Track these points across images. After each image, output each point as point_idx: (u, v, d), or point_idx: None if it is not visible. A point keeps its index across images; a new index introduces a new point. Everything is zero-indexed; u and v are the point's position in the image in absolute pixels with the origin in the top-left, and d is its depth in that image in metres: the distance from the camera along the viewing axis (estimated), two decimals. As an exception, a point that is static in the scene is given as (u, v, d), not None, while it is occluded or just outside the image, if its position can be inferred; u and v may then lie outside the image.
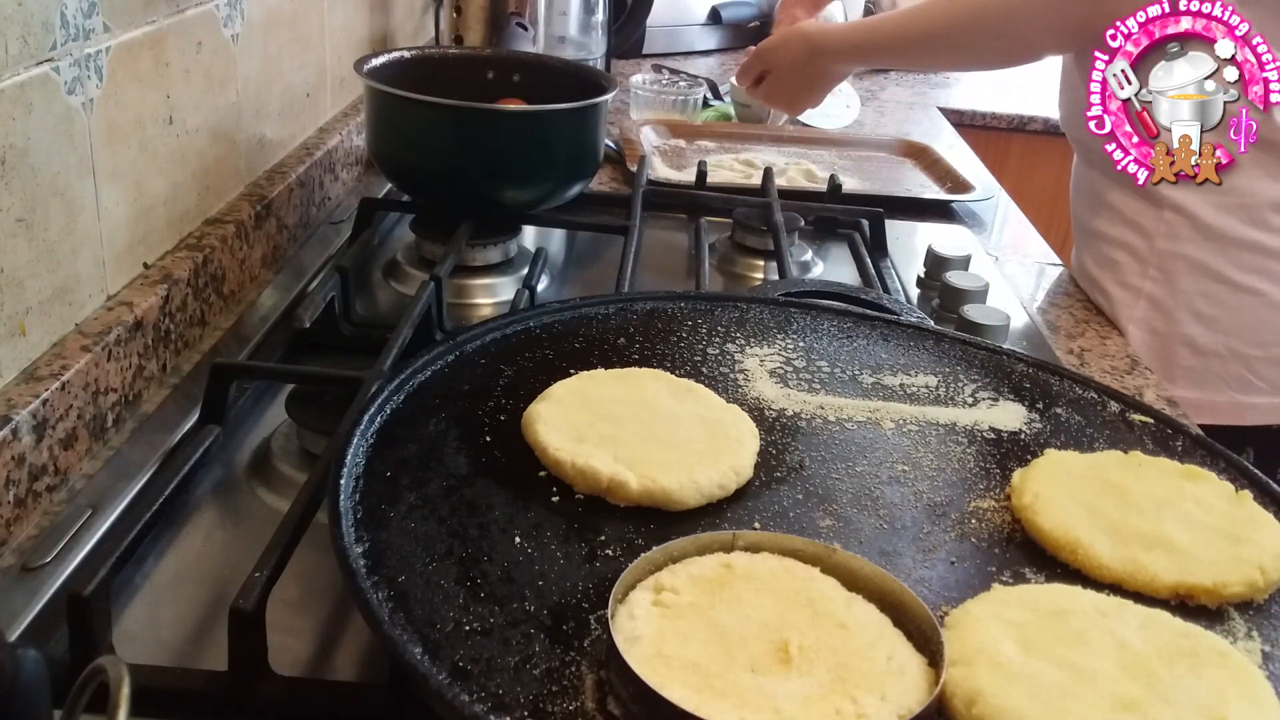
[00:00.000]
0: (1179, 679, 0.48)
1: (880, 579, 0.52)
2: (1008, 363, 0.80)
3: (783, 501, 0.61)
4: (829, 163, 1.48)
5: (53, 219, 0.70)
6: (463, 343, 0.72)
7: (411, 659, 0.46)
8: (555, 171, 1.05)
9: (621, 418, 0.64)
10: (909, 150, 1.55)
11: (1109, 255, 1.12)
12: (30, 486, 0.65)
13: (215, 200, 0.95)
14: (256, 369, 0.82)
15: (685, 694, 0.44)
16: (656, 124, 1.55)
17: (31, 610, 0.58)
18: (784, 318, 0.83)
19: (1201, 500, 0.62)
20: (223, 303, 0.92)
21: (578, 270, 1.15)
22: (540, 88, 1.13)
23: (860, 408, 0.71)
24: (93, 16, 0.73)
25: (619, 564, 0.53)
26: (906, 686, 0.46)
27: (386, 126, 1.04)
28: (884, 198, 1.29)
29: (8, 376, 0.67)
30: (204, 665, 0.55)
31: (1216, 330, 1.07)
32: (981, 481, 0.65)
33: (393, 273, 1.05)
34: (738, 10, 2.17)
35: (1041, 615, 0.51)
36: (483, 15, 1.58)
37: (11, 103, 0.65)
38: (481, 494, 0.58)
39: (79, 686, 0.38)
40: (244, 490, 0.72)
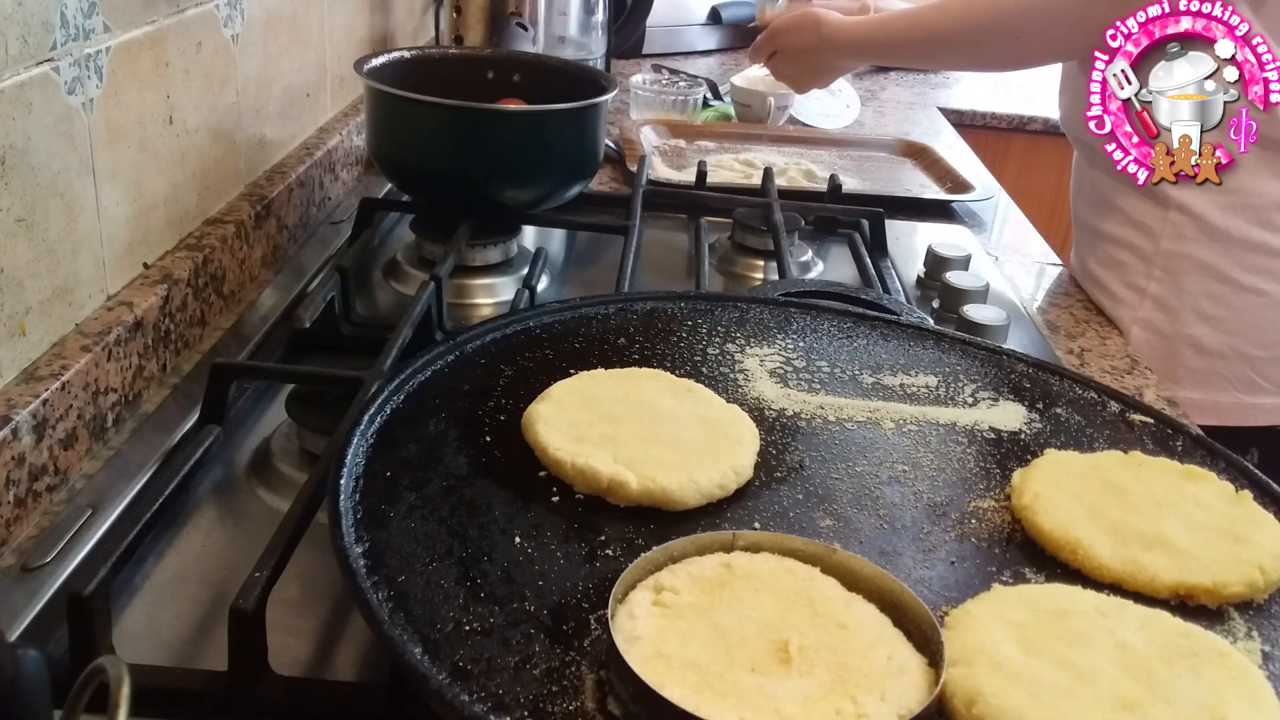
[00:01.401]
0: (1179, 679, 0.48)
1: (880, 579, 0.52)
2: (1008, 363, 0.80)
3: (783, 501, 0.61)
4: (829, 163, 1.48)
5: (53, 219, 0.70)
6: (463, 343, 0.72)
7: (411, 659, 0.46)
8: (555, 171, 1.05)
9: (621, 418, 0.64)
10: (909, 150, 1.55)
11: (1113, 255, 1.12)
12: (30, 486, 0.65)
13: (215, 200, 0.95)
14: (256, 369, 0.82)
15: (685, 694, 0.44)
16: (656, 124, 1.55)
17: (31, 610, 0.58)
18: (784, 318, 0.83)
19: (1201, 500, 0.62)
20: (223, 303, 0.92)
21: (578, 270, 1.15)
22: (540, 88, 1.13)
23: (860, 408, 0.71)
24: (93, 16, 0.73)
25: (619, 564, 0.53)
26: (906, 686, 0.46)
27: (386, 126, 1.04)
28: (884, 198, 1.29)
29: (8, 376, 0.67)
30: (204, 665, 0.55)
31: (1221, 331, 1.07)
32: (981, 481, 0.65)
33: (393, 273, 1.05)
34: (738, 10, 2.17)
35: (1041, 615, 0.51)
36: (483, 15, 1.58)
37: (11, 103, 0.65)
38: (481, 494, 0.58)
39: (79, 686, 0.38)
40: (244, 490, 0.72)
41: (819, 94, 1.70)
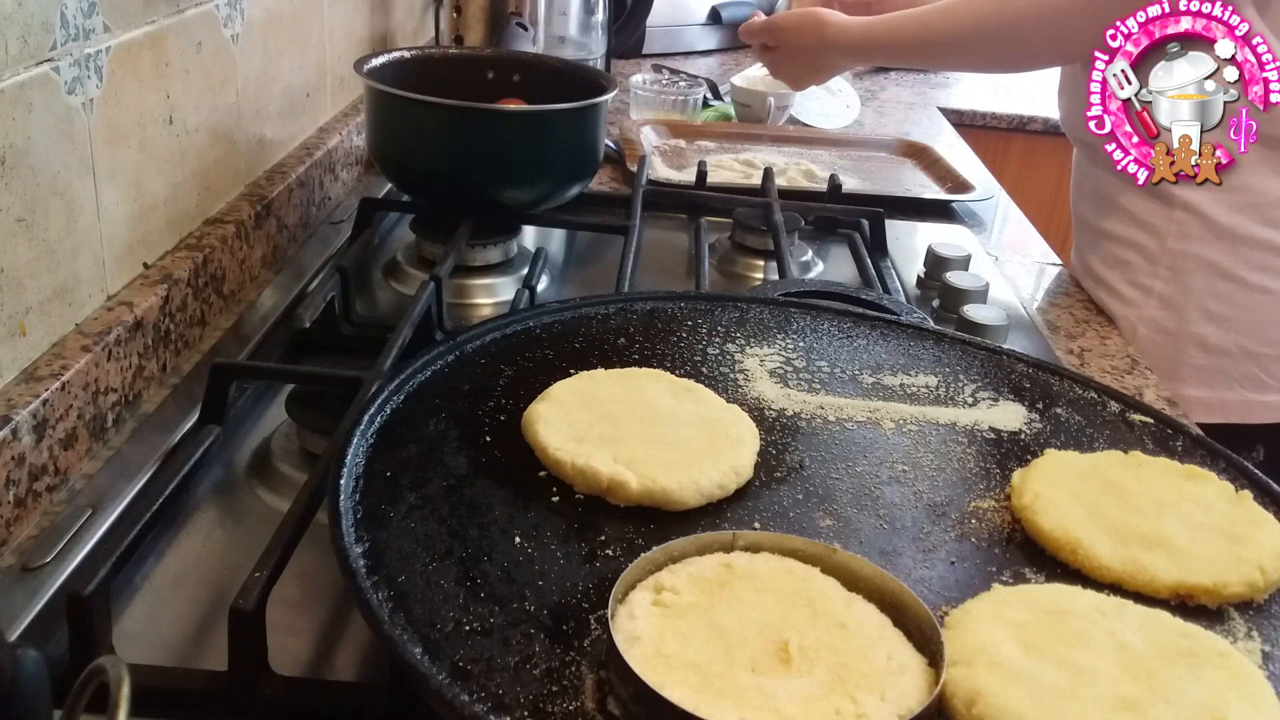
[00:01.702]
0: (1179, 679, 0.48)
1: (880, 579, 0.52)
2: (1008, 363, 0.80)
3: (783, 501, 0.61)
4: (829, 163, 1.48)
5: (53, 219, 0.70)
6: (463, 343, 0.72)
7: (411, 659, 0.46)
8: (555, 171, 1.05)
9: (621, 418, 0.64)
10: (909, 150, 1.55)
11: (1117, 254, 1.12)
12: (30, 486, 0.65)
13: (215, 200, 0.95)
14: (256, 369, 0.82)
15: (685, 694, 0.44)
16: (656, 124, 1.55)
17: (31, 610, 0.58)
18: (784, 318, 0.83)
19: (1201, 500, 0.62)
20: (223, 303, 0.92)
21: (578, 270, 1.15)
22: (540, 88, 1.13)
23: (860, 408, 0.71)
24: (93, 16, 0.73)
25: (619, 564, 0.53)
26: (906, 686, 0.46)
27: (386, 126, 1.04)
28: (884, 198, 1.29)
29: (8, 376, 0.67)
30: (204, 665, 0.55)
31: (1227, 329, 1.07)
32: (981, 481, 0.65)
33: (393, 273, 1.05)
34: (738, 10, 2.16)
35: (1041, 615, 0.51)
36: (483, 15, 1.58)
37: (11, 103, 0.65)
38: (481, 494, 0.58)
39: (79, 686, 0.38)
40: (244, 490, 0.72)
41: (819, 94, 1.70)
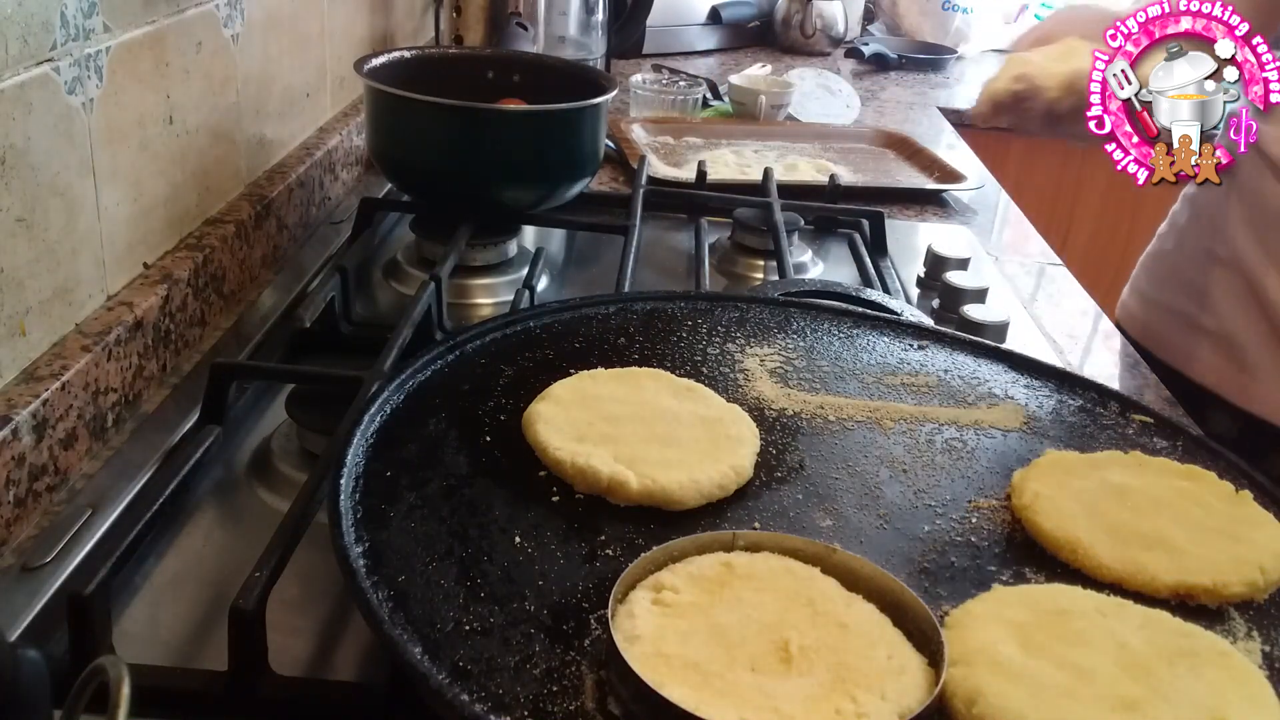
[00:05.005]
0: (1179, 679, 0.48)
1: (880, 579, 0.52)
2: (1007, 363, 0.80)
3: (783, 501, 0.61)
4: (813, 154, 1.49)
5: (53, 219, 0.70)
6: (463, 343, 0.72)
7: (411, 659, 0.46)
8: (555, 171, 1.05)
9: (621, 417, 0.64)
10: (888, 141, 1.55)
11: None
12: (30, 486, 0.65)
13: (215, 200, 0.95)
14: (256, 369, 0.82)
15: (685, 693, 0.44)
16: (646, 123, 1.55)
17: (31, 610, 0.58)
18: (784, 318, 0.83)
19: (1201, 500, 0.62)
20: (223, 303, 0.92)
21: (578, 270, 1.15)
22: (540, 88, 1.13)
23: (860, 407, 0.71)
24: (93, 16, 0.73)
25: (619, 564, 0.53)
26: (907, 686, 0.46)
27: (386, 126, 1.04)
28: (883, 189, 1.29)
29: (8, 376, 0.67)
30: (204, 665, 0.55)
31: None
32: (981, 481, 0.65)
33: (393, 273, 1.05)
34: (738, 10, 2.17)
35: (1041, 615, 0.51)
36: (483, 15, 1.58)
37: (11, 103, 0.65)
38: (481, 494, 0.58)
39: (79, 686, 0.38)
40: (244, 490, 0.72)
41: (819, 93, 1.71)
